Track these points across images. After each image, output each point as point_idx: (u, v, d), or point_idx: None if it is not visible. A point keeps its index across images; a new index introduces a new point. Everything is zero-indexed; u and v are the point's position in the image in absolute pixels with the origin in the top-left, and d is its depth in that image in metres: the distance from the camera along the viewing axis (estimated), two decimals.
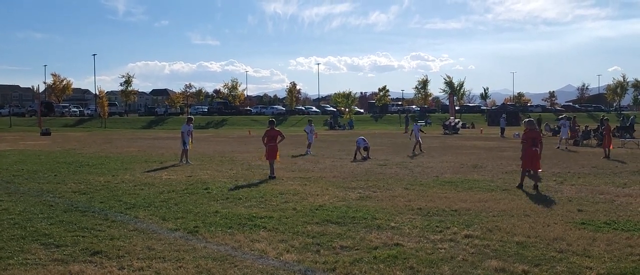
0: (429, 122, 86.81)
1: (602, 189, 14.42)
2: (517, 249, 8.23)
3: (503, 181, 16.02)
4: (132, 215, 10.95)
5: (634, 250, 8.07)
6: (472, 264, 7.43)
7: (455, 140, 40.39)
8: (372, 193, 13.79)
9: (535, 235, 9.09)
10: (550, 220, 10.29)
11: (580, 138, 35.65)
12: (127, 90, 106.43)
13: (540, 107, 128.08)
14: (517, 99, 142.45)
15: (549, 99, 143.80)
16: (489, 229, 9.57)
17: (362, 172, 18.21)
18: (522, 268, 7.21)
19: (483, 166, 20.41)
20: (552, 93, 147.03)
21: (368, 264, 7.45)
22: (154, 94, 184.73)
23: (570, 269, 7.19)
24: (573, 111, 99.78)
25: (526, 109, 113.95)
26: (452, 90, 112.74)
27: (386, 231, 9.44)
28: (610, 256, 7.80)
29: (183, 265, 7.40)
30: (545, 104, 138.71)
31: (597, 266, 7.30)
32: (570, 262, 7.52)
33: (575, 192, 14.05)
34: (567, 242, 8.61)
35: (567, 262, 7.50)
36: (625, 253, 7.96)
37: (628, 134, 39.26)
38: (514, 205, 11.98)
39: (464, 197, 13.04)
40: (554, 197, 13.22)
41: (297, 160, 23.00)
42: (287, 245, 8.49)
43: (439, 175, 17.34)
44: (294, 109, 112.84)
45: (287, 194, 13.58)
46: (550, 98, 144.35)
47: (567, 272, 7.09)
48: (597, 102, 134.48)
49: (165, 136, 49.91)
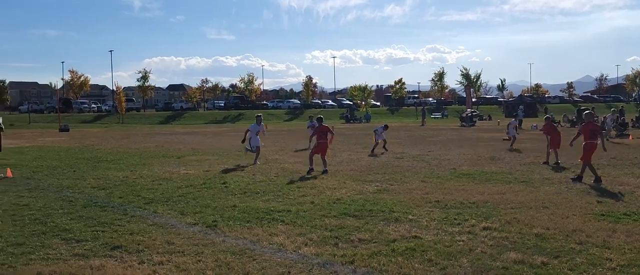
0: (446, 115, 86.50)
1: (621, 180, 14.32)
2: (536, 241, 8.20)
3: (521, 173, 15.95)
4: (151, 210, 11.03)
5: None
6: (490, 257, 7.41)
7: (472, 132, 40.22)
8: (389, 186, 13.78)
9: (554, 227, 9.04)
10: (569, 212, 10.24)
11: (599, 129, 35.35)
12: (144, 85, 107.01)
13: (558, 98, 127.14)
14: (535, 90, 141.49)
15: (567, 90, 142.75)
16: (507, 221, 9.54)
17: (379, 166, 18.20)
18: (541, 260, 7.18)
19: (501, 158, 20.32)
20: (570, 84, 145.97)
21: (386, 256, 7.46)
22: (170, 89, 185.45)
23: (590, 261, 7.15)
24: (591, 102, 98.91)
25: (544, 100, 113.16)
26: (468, 82, 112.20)
27: (404, 224, 9.44)
28: (630, 247, 7.74)
29: (202, 259, 7.45)
30: (563, 95, 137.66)
31: (617, 257, 7.26)
32: (589, 253, 7.48)
33: (594, 183, 13.95)
34: (586, 233, 8.57)
35: (587, 254, 7.46)
36: None
37: None
38: (532, 197, 11.93)
39: (481, 190, 13.00)
40: (573, 188, 13.14)
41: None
42: (305, 238, 8.51)
43: (456, 168, 17.29)
44: (310, 103, 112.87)
45: (304, 187, 13.61)
46: (568, 89, 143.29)
47: (586, 263, 7.05)
48: (616, 93, 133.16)
49: (182, 131, 50.13)
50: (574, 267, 6.90)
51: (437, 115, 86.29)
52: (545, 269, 6.84)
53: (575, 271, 6.75)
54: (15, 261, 7.46)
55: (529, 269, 6.86)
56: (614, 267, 6.89)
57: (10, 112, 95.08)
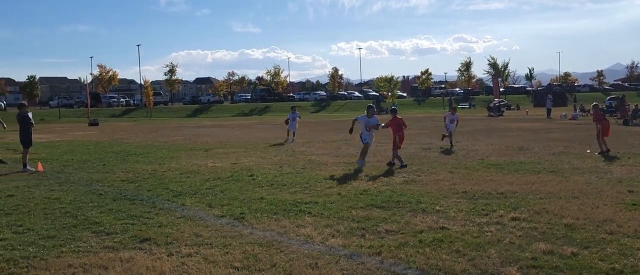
0: (473, 105, 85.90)
1: None
2: (565, 231, 8.11)
3: (550, 163, 15.78)
4: (179, 202, 11.11)
5: None
6: (519, 247, 7.35)
7: (500, 122, 39.91)
8: (417, 177, 13.73)
9: (584, 217, 8.93)
10: (600, 202, 10.11)
11: (629, 117, 34.84)
12: (171, 79, 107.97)
13: (587, 86, 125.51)
14: (564, 79, 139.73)
15: (597, 78, 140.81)
16: (536, 211, 9.44)
17: (406, 156, 18.09)
18: (571, 250, 7.10)
19: (529, 148, 20.14)
20: (600, 72, 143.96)
21: (413, 247, 7.43)
22: (197, 83, 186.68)
23: (621, 251, 7.05)
24: (622, 90, 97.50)
25: (573, 89, 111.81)
26: (496, 71, 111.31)
27: (431, 215, 9.40)
28: None
29: (230, 251, 7.49)
30: (593, 83, 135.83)
31: None
32: (621, 243, 7.38)
33: (626, 172, 13.78)
34: (617, 223, 8.45)
35: (618, 244, 7.35)
36: None
37: None
38: (561, 187, 11.80)
39: (510, 180, 12.89)
40: (603, 178, 12.98)
41: (340, 145, 23.00)
42: (333, 230, 8.51)
43: (484, 158, 17.17)
44: (336, 95, 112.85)
45: (331, 179, 13.60)
46: (598, 77, 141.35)
47: (617, 253, 6.95)
48: None
49: (210, 124, 50.45)
50: (604, 258, 6.81)
51: (465, 106, 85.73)
52: (575, 260, 6.76)
53: (606, 261, 6.66)
54: (46, 254, 7.56)
55: (558, 259, 6.79)
56: None
57: (41, 107, 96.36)
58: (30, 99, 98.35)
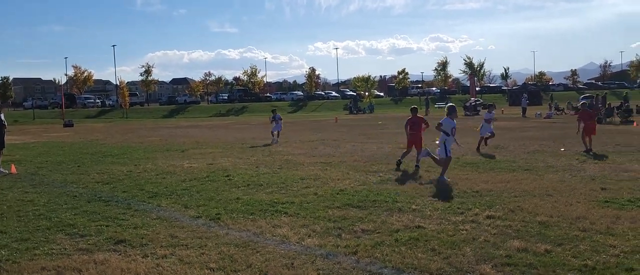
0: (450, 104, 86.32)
1: (626, 167, 14.29)
2: (539, 228, 8.19)
3: (525, 161, 15.92)
4: (155, 203, 11.04)
5: None
6: (494, 245, 7.41)
7: (476, 121, 40.14)
8: (393, 176, 13.79)
9: (557, 214, 9.03)
10: (573, 200, 10.23)
11: (603, 116, 35.28)
12: (147, 80, 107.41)
13: (562, 85, 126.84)
14: (538, 78, 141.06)
15: (571, 77, 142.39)
16: (511, 209, 9.53)
17: (382, 156, 18.19)
18: (545, 248, 7.17)
19: (505, 147, 20.31)
20: (574, 71, 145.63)
21: (390, 246, 7.46)
22: (174, 83, 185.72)
23: (594, 248, 7.14)
24: (596, 89, 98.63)
25: (547, 88, 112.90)
26: (472, 71, 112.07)
27: (407, 214, 9.44)
28: (634, 234, 7.73)
29: (206, 252, 7.46)
30: (567, 82, 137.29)
31: (621, 244, 7.24)
32: (593, 240, 7.47)
33: (599, 170, 13.94)
34: (590, 220, 8.55)
35: (591, 241, 7.44)
36: None
37: None
38: (536, 185, 11.92)
39: (485, 178, 12.99)
40: (577, 176, 13.13)
41: (317, 145, 23.02)
42: (309, 230, 8.52)
43: (460, 157, 17.25)
44: (313, 95, 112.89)
45: (308, 179, 13.61)
46: (572, 76, 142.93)
47: (590, 250, 7.04)
48: (621, 79, 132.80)
49: (186, 125, 50.21)
50: (577, 254, 6.90)
51: (441, 105, 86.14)
52: (548, 257, 6.83)
53: (579, 258, 6.74)
54: (19, 257, 7.48)
55: (532, 256, 6.86)
56: (617, 253, 6.88)
57: (15, 109, 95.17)
58: (4, 101, 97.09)
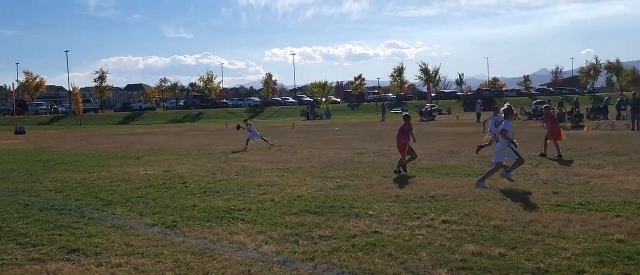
0: (406, 110, 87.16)
1: (577, 171, 14.59)
2: (493, 232, 8.31)
3: (480, 166, 16.13)
4: (109, 211, 10.88)
5: (607, 230, 8.18)
6: (449, 249, 7.49)
7: (432, 127, 40.64)
8: (350, 182, 13.83)
9: (511, 218, 9.18)
10: (526, 203, 10.40)
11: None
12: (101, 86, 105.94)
13: (515, 91, 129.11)
14: (492, 83, 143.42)
15: (524, 83, 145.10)
16: (466, 213, 9.65)
17: (339, 162, 18.26)
18: (499, 251, 7.28)
19: (460, 152, 20.57)
20: (527, 77, 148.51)
21: (346, 252, 7.48)
22: (129, 89, 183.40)
23: (546, 251, 7.28)
24: (548, 95, 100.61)
25: (501, 94, 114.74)
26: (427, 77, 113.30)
27: (364, 219, 9.48)
28: (585, 236, 7.90)
29: (161, 260, 7.38)
30: (520, 88, 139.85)
31: (572, 247, 7.40)
32: (545, 243, 7.61)
33: (551, 174, 14.22)
34: (542, 224, 8.71)
35: (543, 244, 7.59)
36: (600, 233, 8.06)
37: (602, 116, 39.71)
38: (490, 189, 12.08)
39: (441, 183, 13.13)
40: (530, 180, 13.36)
41: (274, 151, 22.98)
42: (266, 236, 8.49)
43: (416, 162, 17.41)
44: (270, 100, 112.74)
45: (265, 185, 13.57)
46: (524, 82, 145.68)
47: (542, 253, 7.17)
48: (571, 85, 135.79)
49: (141, 131, 49.61)
50: (530, 258, 7.02)
51: (397, 111, 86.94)
52: (502, 260, 6.94)
53: (532, 261, 6.86)
54: None
55: (486, 260, 6.96)
56: (569, 256, 7.02)
57: None
58: None
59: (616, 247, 7.32)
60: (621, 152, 18.68)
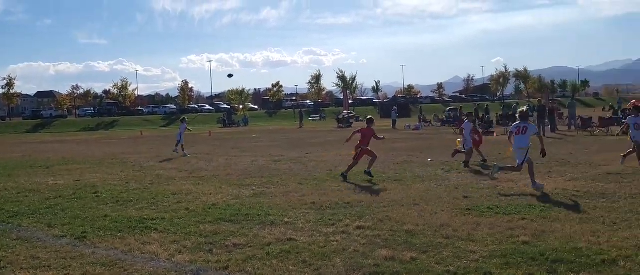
0: (324, 117, 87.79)
1: (486, 176, 15.03)
2: (406, 237, 8.47)
3: (394, 172, 16.44)
4: (16, 223, 10.47)
5: (513, 233, 8.49)
6: (363, 255, 7.59)
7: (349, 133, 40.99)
8: (266, 189, 13.80)
9: (423, 223, 9.38)
10: (438, 208, 10.66)
11: None
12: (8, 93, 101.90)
13: (429, 98, 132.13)
14: (408, 91, 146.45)
15: (438, 91, 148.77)
16: (380, 219, 9.80)
17: (256, 169, 18.19)
18: (411, 255, 7.43)
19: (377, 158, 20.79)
20: (441, 84, 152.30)
21: (261, 260, 7.47)
22: (39, 97, 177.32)
23: (456, 254, 7.48)
24: (460, 102, 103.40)
25: (416, 101, 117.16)
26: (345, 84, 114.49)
27: (280, 227, 9.48)
28: (492, 239, 8.16)
29: (70, 273, 7.16)
30: (434, 95, 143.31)
31: (480, 249, 7.63)
32: (455, 247, 7.82)
33: (462, 179, 14.62)
34: (453, 228, 8.95)
35: (453, 247, 7.79)
36: (506, 235, 8.35)
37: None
38: (404, 195, 12.31)
39: (356, 189, 13.28)
40: (442, 185, 13.69)
41: (190, 159, 22.67)
42: (179, 246, 8.37)
43: (332, 169, 17.59)
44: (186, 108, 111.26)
45: (179, 194, 13.36)
46: (438, 89, 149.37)
47: (452, 256, 7.37)
48: (482, 92, 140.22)
49: (52, 140, 48.00)
50: (440, 261, 7.20)
51: (315, 118, 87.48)
52: (414, 264, 7.09)
53: (442, 264, 7.04)
54: None
55: (399, 264, 7.09)
56: (477, 258, 7.24)
57: None
58: None
59: (521, 248, 7.62)
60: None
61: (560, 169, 15.93)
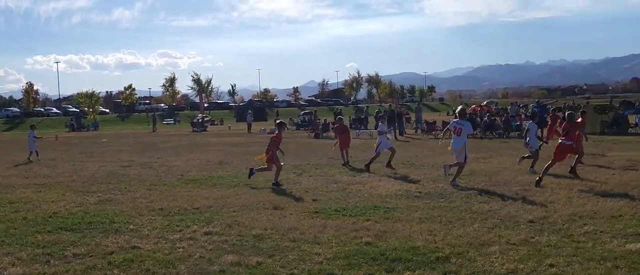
0: (178, 120, 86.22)
1: (336, 179, 15.39)
2: (254, 242, 8.49)
3: (246, 176, 16.38)
4: None
5: (358, 234, 8.75)
6: (209, 261, 7.52)
7: (204, 138, 40.58)
8: (113, 196, 13.34)
9: (271, 227, 9.44)
10: (287, 212, 10.78)
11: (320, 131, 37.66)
12: None
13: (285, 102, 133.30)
14: (264, 94, 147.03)
15: (294, 94, 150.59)
16: (228, 224, 9.75)
17: (103, 175, 17.53)
18: (257, 260, 7.45)
19: (228, 162, 20.74)
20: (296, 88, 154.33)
21: (102, 270, 7.21)
22: None
23: (301, 257, 7.59)
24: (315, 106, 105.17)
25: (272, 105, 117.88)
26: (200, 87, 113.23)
27: (124, 234, 9.19)
28: (337, 241, 8.36)
29: None
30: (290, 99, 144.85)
31: (325, 251, 7.79)
32: (301, 250, 7.94)
33: (312, 182, 14.85)
34: (300, 231, 9.08)
35: (299, 250, 7.90)
36: (351, 237, 8.59)
37: (362, 125, 42.37)
38: (254, 199, 12.34)
39: (206, 194, 13.13)
40: (292, 188, 13.85)
41: (33, 166, 21.46)
42: (13, 258, 7.88)
43: (183, 174, 17.29)
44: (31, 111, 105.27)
45: (18, 202, 12.59)
46: (294, 93, 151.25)
47: (297, 259, 7.47)
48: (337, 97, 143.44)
49: None
50: (285, 264, 7.28)
51: (170, 121, 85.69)
52: (259, 268, 7.12)
53: (287, 268, 7.12)
54: None
55: (244, 269, 7.10)
56: (321, 261, 7.39)
57: None
58: None
59: (364, 249, 7.87)
60: (377, 159, 19.91)
61: (406, 171, 16.63)
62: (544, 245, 7.90)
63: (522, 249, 7.74)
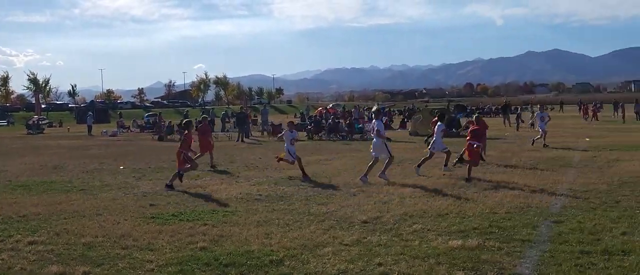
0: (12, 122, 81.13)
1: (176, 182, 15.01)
2: (83, 250, 8.09)
3: (82, 181, 15.68)
4: None
5: (193, 239, 8.58)
6: (31, 273, 7.08)
7: (40, 140, 38.40)
8: None
9: (103, 234, 9.05)
10: (121, 218, 10.38)
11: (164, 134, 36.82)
12: None
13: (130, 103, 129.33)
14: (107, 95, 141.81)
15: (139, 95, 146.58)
16: (56, 232, 9.24)
17: None
18: (84, 269, 7.10)
19: (64, 166, 19.73)
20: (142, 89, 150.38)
21: None
22: None
23: (132, 265, 7.32)
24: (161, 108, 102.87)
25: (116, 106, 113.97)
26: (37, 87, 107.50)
27: None
28: (171, 247, 8.15)
29: None
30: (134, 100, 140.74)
31: (157, 258, 7.56)
32: (133, 257, 7.66)
33: (151, 186, 14.44)
34: (133, 237, 8.76)
35: (130, 258, 7.62)
36: (186, 242, 8.41)
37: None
38: (88, 205, 11.79)
39: (36, 201, 12.37)
40: (130, 193, 13.40)
41: None
42: None
43: (13, 179, 16.24)
44: None
45: None
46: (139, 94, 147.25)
47: (128, 268, 7.20)
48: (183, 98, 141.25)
49: None
50: (115, 273, 7.00)
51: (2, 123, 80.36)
52: None
53: None
54: None
55: None
56: (152, 268, 7.17)
57: None
58: None
59: (198, 255, 7.72)
60: (226, 162, 19.79)
61: (248, 174, 16.60)
62: (375, 244, 8.15)
63: (354, 249, 7.94)
